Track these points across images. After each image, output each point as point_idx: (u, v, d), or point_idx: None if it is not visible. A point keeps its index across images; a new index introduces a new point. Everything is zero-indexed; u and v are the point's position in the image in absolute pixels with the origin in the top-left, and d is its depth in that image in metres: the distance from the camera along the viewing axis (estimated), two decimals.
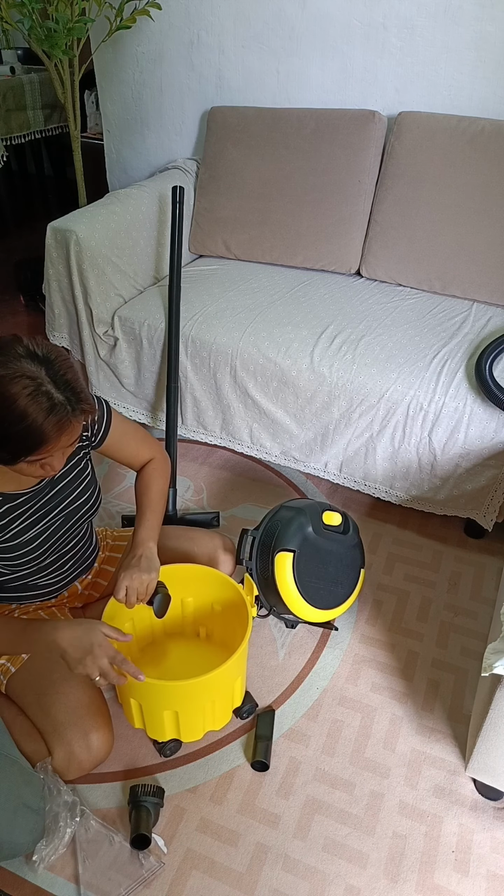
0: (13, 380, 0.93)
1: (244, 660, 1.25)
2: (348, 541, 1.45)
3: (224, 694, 1.26)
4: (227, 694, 1.27)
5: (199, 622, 1.46)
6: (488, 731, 1.10)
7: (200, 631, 1.47)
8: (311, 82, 2.17)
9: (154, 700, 1.19)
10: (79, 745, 1.16)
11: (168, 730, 1.24)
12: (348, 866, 1.16)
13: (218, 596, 1.38)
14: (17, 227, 3.89)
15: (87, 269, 1.90)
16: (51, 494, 1.21)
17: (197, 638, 1.47)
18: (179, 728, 1.24)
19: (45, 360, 0.96)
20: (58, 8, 2.06)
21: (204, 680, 1.14)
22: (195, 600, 1.42)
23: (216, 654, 1.42)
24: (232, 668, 1.19)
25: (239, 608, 1.32)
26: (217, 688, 1.22)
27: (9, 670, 1.24)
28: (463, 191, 1.91)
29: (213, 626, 1.45)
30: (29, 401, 0.93)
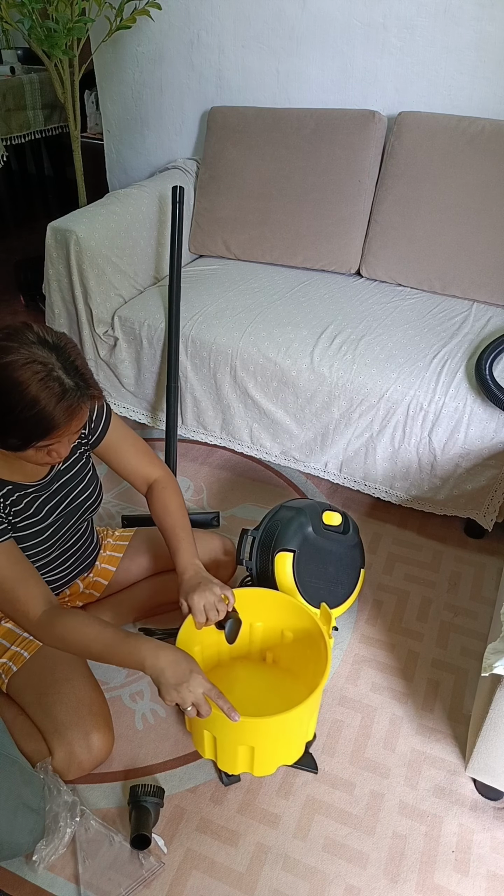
0: (25, 365, 0.94)
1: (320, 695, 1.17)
2: (348, 541, 1.45)
3: (301, 729, 1.20)
4: (304, 729, 1.21)
5: (266, 647, 1.40)
6: (488, 731, 1.10)
7: (268, 656, 1.40)
8: (311, 82, 2.17)
9: (232, 734, 1.13)
10: (79, 745, 1.16)
11: (241, 764, 1.19)
12: (348, 866, 1.16)
13: (290, 623, 1.33)
14: (17, 227, 3.89)
15: (87, 269, 1.90)
16: (56, 488, 1.22)
17: (263, 663, 1.41)
18: (253, 763, 1.18)
19: (56, 346, 0.97)
20: (58, 8, 2.06)
21: (285, 717, 1.09)
22: (265, 625, 1.36)
23: (284, 680, 1.37)
24: (311, 704, 1.13)
25: (311, 636, 1.28)
26: (296, 724, 1.17)
27: (10, 669, 1.24)
28: (463, 191, 1.91)
29: (281, 651, 1.39)
30: (41, 386, 0.94)
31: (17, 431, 0.98)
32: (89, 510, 1.30)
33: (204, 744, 1.20)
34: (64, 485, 1.23)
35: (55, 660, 1.23)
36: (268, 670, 1.39)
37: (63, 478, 1.23)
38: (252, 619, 1.34)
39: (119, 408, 2.11)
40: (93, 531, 1.42)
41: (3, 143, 3.22)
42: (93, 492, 1.29)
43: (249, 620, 1.34)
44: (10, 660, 1.25)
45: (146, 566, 1.50)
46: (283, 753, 1.22)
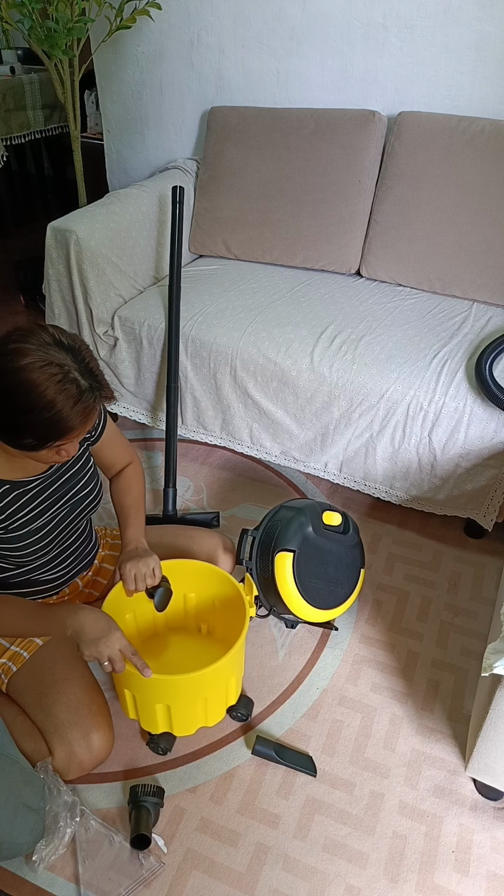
0: (43, 367, 0.95)
1: (240, 658, 1.26)
2: (348, 541, 1.45)
3: (217, 691, 1.26)
4: (221, 692, 1.27)
5: (200, 618, 1.46)
6: (488, 731, 1.10)
7: (202, 626, 1.47)
8: (311, 82, 2.17)
9: (147, 693, 1.19)
10: (79, 744, 1.16)
11: (160, 722, 1.24)
12: (348, 866, 1.16)
13: (219, 592, 1.39)
14: (17, 227, 3.89)
15: (87, 269, 1.90)
16: (58, 484, 1.22)
17: (198, 633, 1.48)
18: (172, 722, 1.24)
19: (71, 348, 0.99)
20: (58, 8, 2.06)
21: (196, 676, 1.15)
22: (197, 595, 1.43)
23: (216, 649, 1.43)
24: (226, 666, 1.19)
25: (239, 606, 1.32)
26: (210, 685, 1.22)
27: (10, 669, 1.24)
28: (463, 191, 1.91)
29: (215, 622, 1.45)
30: (59, 388, 0.96)
31: (34, 432, 0.99)
32: (89, 507, 1.30)
33: (126, 703, 1.26)
34: (66, 482, 1.24)
35: (55, 659, 1.23)
36: (201, 640, 1.47)
37: (66, 475, 1.24)
38: (185, 589, 1.41)
39: (119, 408, 2.11)
40: (91, 530, 1.42)
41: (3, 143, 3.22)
42: (93, 489, 1.30)
43: (183, 591, 1.40)
44: (10, 660, 1.25)
45: None
46: (200, 714, 1.26)
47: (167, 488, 1.82)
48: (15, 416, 0.97)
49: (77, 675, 1.22)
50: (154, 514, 1.83)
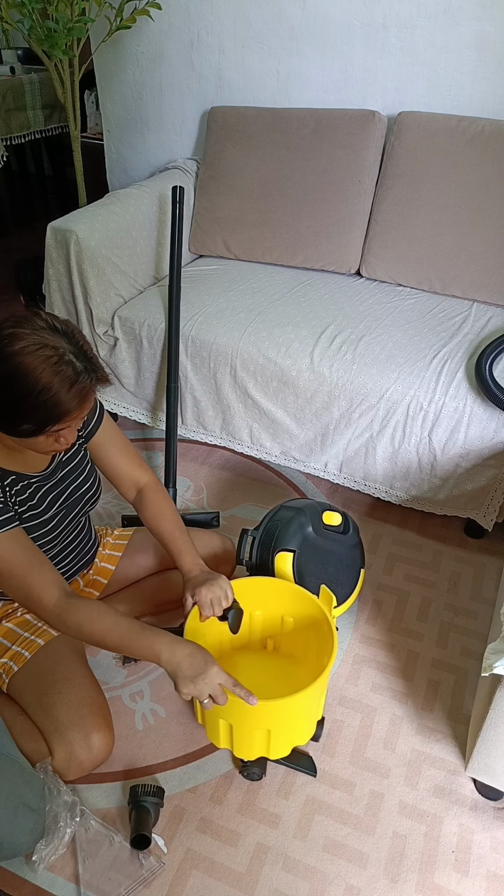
0: (38, 350, 0.96)
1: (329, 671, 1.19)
2: (348, 541, 1.45)
3: (313, 708, 1.22)
4: (316, 707, 1.23)
5: (266, 634, 1.42)
6: (488, 731, 1.10)
7: (268, 643, 1.42)
8: (311, 82, 2.17)
9: (248, 720, 1.14)
10: (80, 745, 1.16)
11: (257, 748, 1.20)
12: (348, 866, 1.16)
13: (289, 609, 1.35)
14: (17, 227, 3.89)
15: (87, 269, 1.90)
16: (58, 479, 1.23)
17: (264, 651, 1.42)
18: (269, 746, 1.20)
19: (65, 332, 1.00)
20: (58, 8, 2.06)
21: (299, 697, 1.11)
22: (263, 613, 1.38)
23: (286, 665, 1.39)
24: (322, 683, 1.15)
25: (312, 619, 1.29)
26: (308, 703, 1.18)
27: (11, 669, 1.24)
28: (463, 191, 1.91)
29: (281, 638, 1.41)
30: (55, 370, 0.96)
31: (32, 416, 0.99)
32: (89, 503, 1.30)
33: (219, 733, 1.20)
34: (65, 476, 1.24)
35: (56, 659, 1.23)
36: (269, 657, 1.41)
37: (65, 469, 1.24)
38: (251, 607, 1.36)
39: (119, 408, 2.11)
40: (91, 527, 1.42)
41: (3, 143, 3.22)
42: (92, 485, 1.30)
43: (249, 609, 1.36)
44: (11, 659, 1.25)
45: (146, 565, 1.50)
46: (297, 734, 1.23)
47: (167, 488, 1.82)
48: (12, 401, 0.97)
49: (78, 675, 1.22)
50: None
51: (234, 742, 1.20)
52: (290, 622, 1.38)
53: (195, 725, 1.35)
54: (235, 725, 1.16)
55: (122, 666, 1.46)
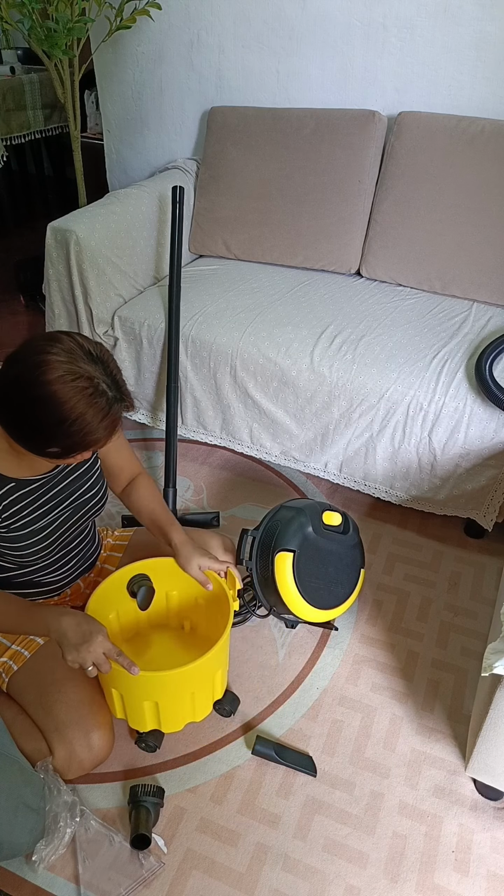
0: (74, 381, 0.95)
1: (225, 652, 1.26)
2: (348, 541, 1.45)
3: (204, 686, 1.26)
4: (208, 686, 1.27)
5: (183, 615, 1.46)
6: (488, 731, 1.10)
7: (185, 624, 1.47)
8: (311, 82, 2.17)
9: (135, 690, 1.19)
10: (80, 744, 1.16)
11: (149, 720, 1.24)
12: (348, 866, 1.16)
13: (201, 589, 1.38)
14: (17, 227, 3.89)
15: (87, 269, 1.90)
16: (63, 484, 1.22)
17: (181, 631, 1.47)
18: (160, 718, 1.24)
19: (99, 359, 0.99)
20: (58, 8, 2.06)
21: (183, 671, 1.15)
22: (179, 593, 1.42)
23: (200, 646, 1.42)
24: (212, 660, 1.19)
25: (222, 602, 1.32)
26: (197, 679, 1.22)
27: (11, 668, 1.24)
28: (463, 191, 1.91)
29: (198, 619, 1.45)
30: (89, 402, 0.96)
31: (62, 442, 0.99)
32: (94, 509, 1.30)
33: (114, 703, 1.24)
34: (71, 482, 1.24)
35: (56, 658, 1.23)
36: (184, 637, 1.46)
37: (71, 476, 1.24)
38: (167, 587, 1.40)
39: None
40: (95, 532, 1.42)
41: (3, 143, 3.22)
42: (98, 491, 1.30)
43: (165, 589, 1.40)
44: (11, 658, 1.25)
45: None
46: (188, 710, 1.26)
47: (167, 488, 1.82)
48: (45, 427, 0.97)
49: (78, 674, 1.22)
50: None
51: (126, 712, 1.24)
52: (202, 603, 1.42)
53: (195, 725, 1.35)
54: (125, 696, 1.21)
55: None
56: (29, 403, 0.96)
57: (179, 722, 1.28)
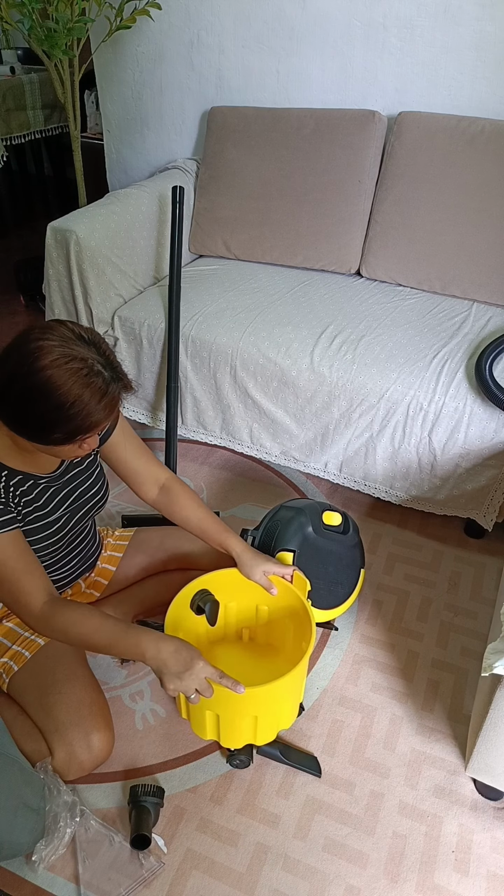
0: (67, 363, 0.96)
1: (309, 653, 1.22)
2: (348, 541, 1.45)
3: (296, 691, 1.24)
4: (298, 691, 1.26)
5: (241, 625, 1.43)
6: (488, 731, 1.10)
7: (244, 633, 1.43)
8: (311, 82, 2.17)
9: (234, 708, 1.15)
10: (80, 745, 1.16)
11: (244, 736, 1.22)
12: (348, 866, 1.16)
13: (264, 597, 1.35)
14: (17, 227, 3.89)
15: (87, 269, 1.90)
16: (66, 480, 1.23)
17: (240, 641, 1.44)
18: (256, 733, 1.21)
19: (91, 341, 1.00)
20: (58, 8, 2.06)
21: (284, 681, 1.12)
22: (238, 604, 1.40)
23: (263, 653, 1.41)
24: (304, 665, 1.17)
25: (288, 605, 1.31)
26: (293, 687, 1.20)
27: (11, 669, 1.24)
28: (463, 191, 1.91)
29: (256, 627, 1.43)
30: (85, 383, 0.96)
31: (63, 428, 0.99)
32: (96, 507, 1.30)
33: (205, 725, 1.21)
34: (74, 478, 1.24)
35: (57, 659, 1.23)
36: (246, 648, 1.43)
37: (74, 471, 1.24)
38: (225, 599, 1.37)
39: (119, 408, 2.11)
40: (96, 531, 1.42)
41: (3, 143, 3.22)
42: (100, 488, 1.30)
43: (223, 601, 1.37)
44: (12, 659, 1.25)
45: (145, 566, 1.50)
46: (282, 718, 1.25)
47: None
48: (44, 414, 0.98)
49: (78, 675, 1.23)
50: (155, 515, 1.83)
51: (220, 732, 1.21)
52: (265, 611, 1.40)
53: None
54: (222, 715, 1.17)
55: (121, 666, 1.47)
56: (27, 393, 0.96)
57: (272, 732, 1.25)
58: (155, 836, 1.17)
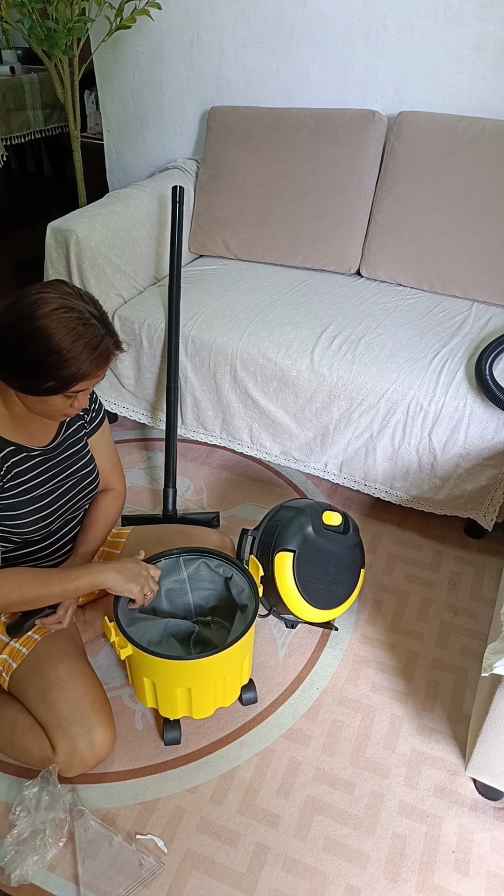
0: (67, 312, 1.03)
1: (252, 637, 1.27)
2: (348, 541, 1.45)
3: (234, 671, 1.27)
4: (237, 671, 1.28)
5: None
6: (488, 731, 1.10)
7: None
8: (311, 82, 2.17)
9: (168, 678, 1.21)
10: (82, 740, 1.17)
11: (180, 707, 1.26)
12: (348, 866, 1.16)
13: None
14: (17, 227, 3.89)
15: (87, 269, 1.90)
16: (61, 457, 1.26)
17: None
18: (192, 705, 1.26)
19: (90, 300, 1.08)
20: (58, 8, 2.06)
21: (217, 657, 1.17)
22: None
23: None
24: (242, 645, 1.22)
25: None
26: (229, 664, 1.23)
27: (10, 666, 1.24)
28: (463, 191, 1.91)
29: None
30: (81, 332, 1.04)
31: (57, 374, 1.04)
32: (88, 487, 1.33)
33: (144, 691, 1.26)
34: (68, 457, 1.28)
35: (59, 656, 1.23)
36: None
37: (69, 450, 1.28)
38: None
39: (119, 408, 2.11)
40: None
41: (3, 143, 3.22)
42: (91, 471, 1.33)
43: None
44: (10, 656, 1.25)
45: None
46: (219, 695, 1.28)
47: (167, 488, 1.82)
48: (40, 359, 1.03)
49: (79, 671, 1.23)
50: (154, 514, 1.83)
51: (158, 701, 1.27)
52: None
53: (195, 725, 1.35)
54: (158, 683, 1.23)
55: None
56: (24, 339, 1.02)
57: (210, 707, 1.30)
58: (155, 837, 1.17)
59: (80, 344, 1.03)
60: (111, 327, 1.10)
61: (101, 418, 1.37)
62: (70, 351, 1.03)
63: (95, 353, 1.06)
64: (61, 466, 1.26)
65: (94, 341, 1.05)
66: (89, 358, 1.05)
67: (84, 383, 1.08)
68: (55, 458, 1.25)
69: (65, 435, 1.28)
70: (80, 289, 1.09)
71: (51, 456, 1.24)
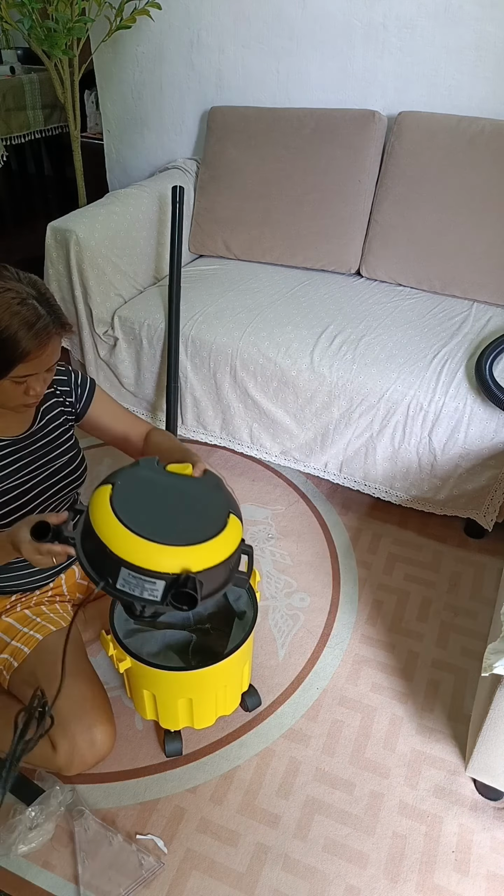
0: (1, 293, 1.02)
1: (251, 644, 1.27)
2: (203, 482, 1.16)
3: (235, 679, 1.26)
4: (238, 678, 1.28)
5: None
6: (488, 731, 1.10)
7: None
8: (311, 82, 2.17)
9: (169, 690, 1.20)
10: (83, 738, 1.17)
11: (181, 718, 1.25)
12: (348, 866, 1.16)
13: None
14: (17, 227, 3.89)
15: (87, 269, 1.90)
16: (35, 448, 1.25)
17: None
18: (193, 716, 1.25)
19: (32, 282, 1.08)
20: (58, 8, 2.06)
21: (218, 667, 1.15)
22: None
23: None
24: (243, 653, 1.21)
25: None
26: (230, 673, 1.23)
27: (11, 665, 1.24)
28: (463, 191, 1.91)
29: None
30: (16, 311, 1.03)
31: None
32: (69, 477, 1.31)
33: (144, 704, 1.25)
34: (43, 446, 1.27)
35: (58, 654, 1.23)
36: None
37: (43, 439, 1.27)
38: None
39: None
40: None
41: (3, 143, 3.22)
42: (73, 459, 1.32)
43: None
44: (11, 655, 1.25)
45: None
46: (221, 704, 1.27)
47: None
48: None
49: (80, 670, 1.23)
50: None
51: (158, 712, 1.25)
52: None
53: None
54: (158, 695, 1.21)
55: None
56: None
57: (211, 717, 1.29)
58: (155, 837, 1.17)
59: (14, 324, 1.02)
60: (55, 307, 1.08)
61: (87, 395, 1.34)
62: (6, 330, 1.02)
63: (32, 331, 1.03)
64: (36, 456, 1.25)
65: (30, 319, 1.03)
66: (26, 336, 1.03)
67: (27, 366, 1.06)
68: (29, 448, 1.24)
69: (41, 423, 1.27)
70: (22, 272, 1.08)
71: (23, 446, 1.24)
